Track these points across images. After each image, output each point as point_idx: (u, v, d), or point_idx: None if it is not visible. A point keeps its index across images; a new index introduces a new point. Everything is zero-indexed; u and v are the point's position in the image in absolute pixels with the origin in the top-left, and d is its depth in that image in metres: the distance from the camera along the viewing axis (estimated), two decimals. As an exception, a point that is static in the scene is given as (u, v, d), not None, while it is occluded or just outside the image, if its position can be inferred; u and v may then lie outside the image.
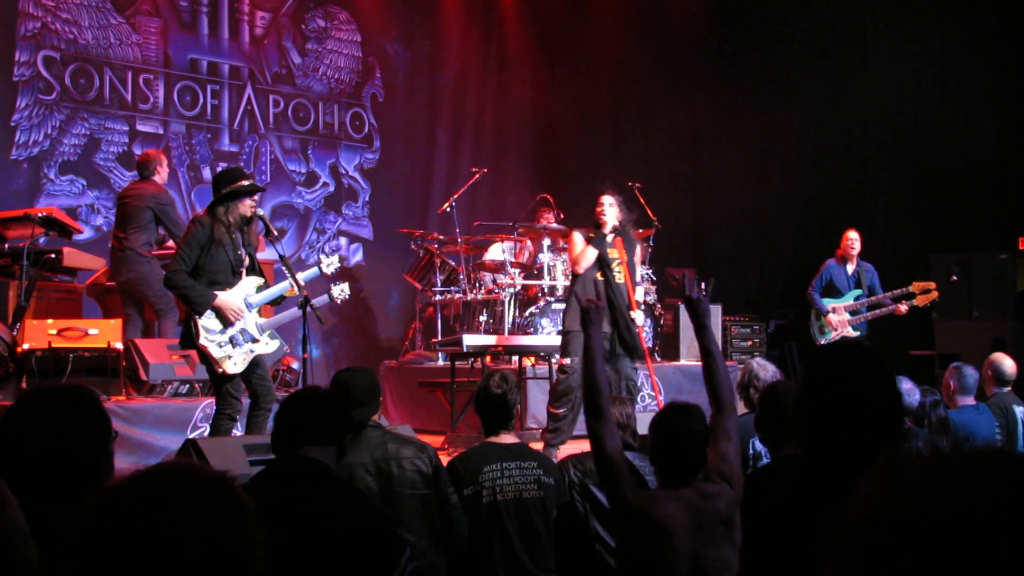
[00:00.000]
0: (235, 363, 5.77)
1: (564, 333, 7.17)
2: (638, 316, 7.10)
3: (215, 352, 5.72)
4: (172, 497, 1.28)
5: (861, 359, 2.30)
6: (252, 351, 5.86)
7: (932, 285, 8.82)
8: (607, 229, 7.04)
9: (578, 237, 7.13)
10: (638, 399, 7.59)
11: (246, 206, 5.82)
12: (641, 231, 10.34)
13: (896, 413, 2.25)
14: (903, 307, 8.84)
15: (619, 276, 7.02)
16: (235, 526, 1.28)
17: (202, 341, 5.70)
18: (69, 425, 2.33)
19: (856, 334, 8.90)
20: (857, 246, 9.12)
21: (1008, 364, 6.13)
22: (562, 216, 10.35)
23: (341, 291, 6.55)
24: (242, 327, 5.82)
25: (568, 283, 8.02)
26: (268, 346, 5.98)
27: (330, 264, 6.46)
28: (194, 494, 1.29)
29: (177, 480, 1.31)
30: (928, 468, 0.91)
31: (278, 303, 6.57)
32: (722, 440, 3.26)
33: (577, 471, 4.27)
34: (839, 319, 8.97)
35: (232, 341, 5.76)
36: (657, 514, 3.06)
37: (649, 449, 3.31)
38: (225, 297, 5.76)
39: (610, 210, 7.05)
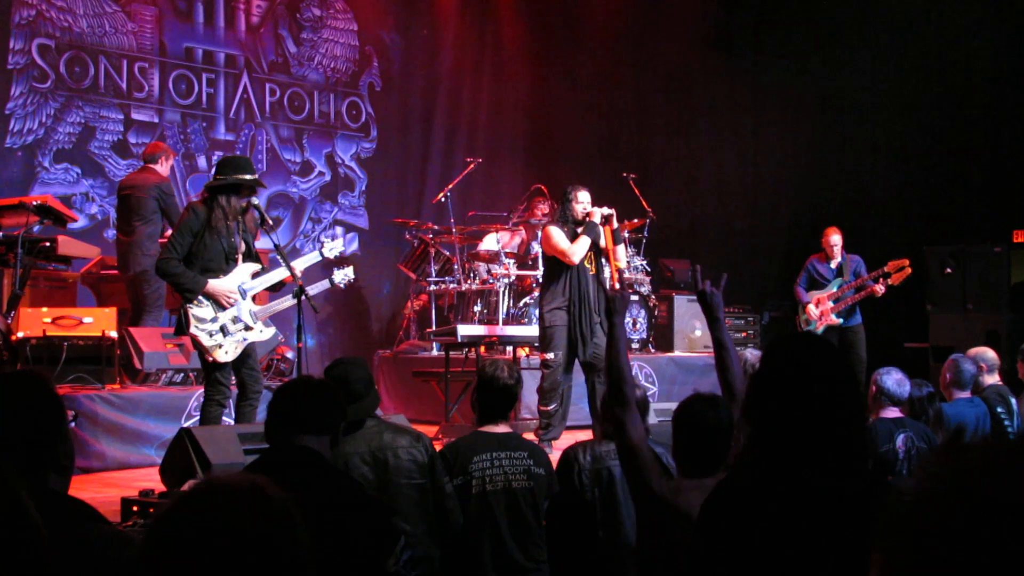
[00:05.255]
0: (226, 352, 5.75)
1: (544, 328, 7.16)
2: None
3: (205, 341, 5.72)
4: (228, 512, 1.32)
5: (817, 347, 2.31)
6: (245, 339, 5.85)
7: (905, 262, 8.74)
8: (597, 218, 7.09)
9: (557, 230, 7.12)
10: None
11: (243, 197, 5.83)
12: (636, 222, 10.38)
13: (854, 401, 2.23)
14: (879, 287, 8.69)
15: (592, 267, 7.10)
16: (288, 535, 1.33)
17: (192, 330, 5.70)
18: (21, 410, 2.32)
19: (839, 321, 8.88)
20: (838, 248, 9.09)
21: (991, 353, 6.26)
22: (555, 207, 10.33)
23: (344, 275, 6.43)
24: (235, 314, 5.81)
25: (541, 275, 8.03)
26: (263, 334, 5.97)
27: (332, 248, 6.37)
28: (251, 508, 1.33)
29: (232, 495, 1.35)
30: (993, 452, 0.90)
31: (276, 289, 6.50)
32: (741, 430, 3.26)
33: (588, 456, 4.09)
34: (821, 308, 8.96)
35: (223, 330, 5.75)
36: (683, 504, 3.00)
37: (672, 439, 3.28)
38: (217, 283, 5.74)
39: (588, 205, 7.16)
